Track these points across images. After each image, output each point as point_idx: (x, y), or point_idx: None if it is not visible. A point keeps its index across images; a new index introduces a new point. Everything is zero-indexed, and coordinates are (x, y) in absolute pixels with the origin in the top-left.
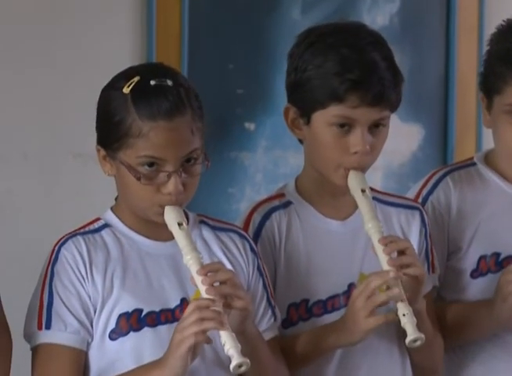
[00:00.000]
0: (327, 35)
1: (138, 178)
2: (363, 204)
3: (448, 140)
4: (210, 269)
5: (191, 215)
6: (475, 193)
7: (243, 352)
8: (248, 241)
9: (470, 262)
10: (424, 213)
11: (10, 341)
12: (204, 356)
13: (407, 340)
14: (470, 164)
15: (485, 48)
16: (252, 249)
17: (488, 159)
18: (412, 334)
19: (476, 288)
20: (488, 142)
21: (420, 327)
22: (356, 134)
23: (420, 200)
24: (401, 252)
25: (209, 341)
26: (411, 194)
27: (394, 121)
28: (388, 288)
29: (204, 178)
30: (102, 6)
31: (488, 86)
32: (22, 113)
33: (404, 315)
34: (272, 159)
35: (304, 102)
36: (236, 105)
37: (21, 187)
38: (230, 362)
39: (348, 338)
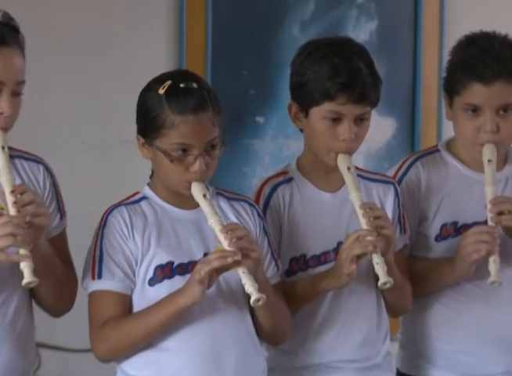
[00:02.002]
0: (321, 47)
1: (172, 161)
2: (348, 179)
3: (415, 130)
4: (230, 228)
5: (211, 189)
6: (439, 174)
7: (260, 290)
8: (256, 208)
9: (434, 228)
10: (398, 187)
11: (76, 278)
12: (223, 291)
13: (379, 283)
14: (435, 150)
15: (447, 57)
16: (259, 214)
17: (449, 146)
18: (382, 278)
19: (439, 249)
20: (447, 132)
21: (389, 273)
22: (344, 125)
23: (396, 179)
24: (377, 217)
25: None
26: (389, 175)
27: (373, 115)
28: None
29: (223, 160)
30: (145, 26)
31: (450, 88)
32: (81, 108)
33: (377, 263)
34: (277, 145)
35: (303, 100)
36: (248, 102)
37: (81, 167)
38: (250, 297)
39: (337, 282)
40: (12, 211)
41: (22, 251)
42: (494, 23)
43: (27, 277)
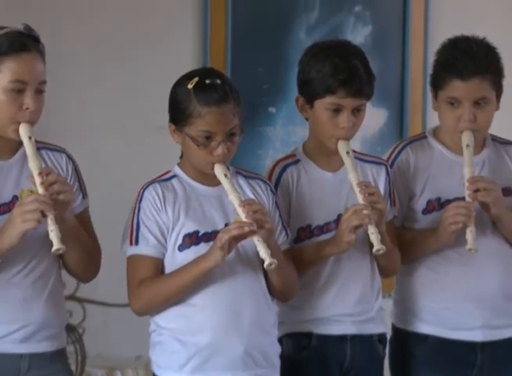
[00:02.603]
0: (324, 49)
1: (198, 145)
2: (347, 161)
3: (403, 119)
4: (247, 203)
5: (231, 168)
6: (425, 157)
7: (272, 255)
8: (269, 186)
9: (421, 204)
10: (388, 167)
11: (100, 249)
12: (241, 254)
13: (373, 249)
14: (422, 137)
15: (431, 57)
16: (271, 191)
17: (435, 133)
18: (376, 245)
19: (425, 221)
20: (430, 121)
21: (382, 241)
22: (343, 115)
23: (389, 162)
24: (371, 194)
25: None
26: (383, 158)
27: (368, 106)
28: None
29: (241, 144)
30: (175, 28)
31: (435, 84)
32: (122, 99)
33: (372, 233)
34: (286, 132)
35: (309, 94)
36: (262, 95)
37: (121, 149)
38: (263, 262)
39: (338, 249)
40: (40, 190)
41: (49, 221)
42: (471, 28)
43: (55, 245)
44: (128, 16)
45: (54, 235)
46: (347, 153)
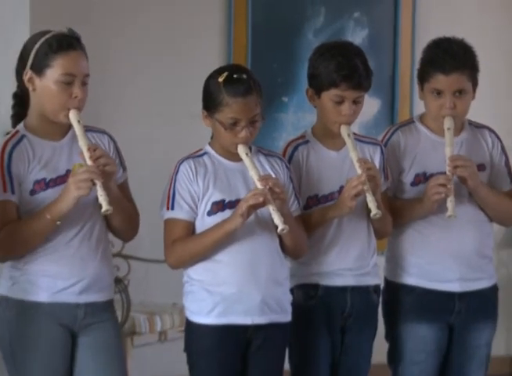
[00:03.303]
0: (329, 49)
1: (225, 129)
2: (348, 142)
3: (394, 107)
4: (264, 177)
5: (253, 148)
6: (413, 138)
7: (284, 222)
8: (284, 162)
9: (410, 177)
10: (382, 147)
11: (138, 213)
12: (259, 219)
13: (371, 214)
14: (410, 122)
15: (418, 56)
16: (286, 166)
17: (421, 118)
18: (374, 210)
19: (413, 192)
20: (416, 108)
21: (378, 207)
22: (345, 105)
23: (383, 143)
24: (369, 168)
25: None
26: (378, 139)
27: (365, 97)
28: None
29: (260, 128)
30: (204, 29)
31: (421, 77)
32: (161, 89)
33: (369, 201)
34: (297, 117)
35: (316, 86)
36: (277, 87)
37: (159, 133)
38: (277, 227)
39: (340, 212)
40: (89, 163)
41: (98, 188)
42: (452, 31)
43: (104, 206)
44: (167, 19)
45: (103, 199)
46: (349, 135)
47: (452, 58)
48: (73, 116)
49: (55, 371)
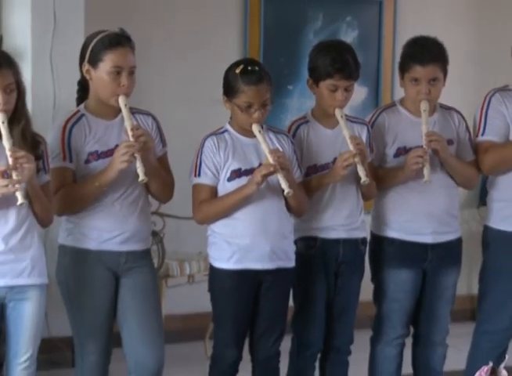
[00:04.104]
0: (326, 46)
1: (241, 111)
2: (342, 122)
3: (378, 94)
4: (273, 151)
5: (264, 126)
6: (395, 119)
7: (289, 187)
8: (289, 138)
9: (392, 151)
10: (369, 126)
11: (173, 181)
12: (269, 185)
13: (361, 181)
14: (393, 105)
15: (399, 51)
16: (291, 142)
17: (401, 102)
18: (363, 178)
19: (395, 162)
20: (397, 95)
21: (366, 175)
22: (339, 92)
23: (370, 123)
24: (358, 144)
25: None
26: (366, 120)
27: (355, 85)
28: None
29: (270, 111)
30: (225, 27)
31: (402, 68)
32: (188, 78)
33: (360, 170)
34: (299, 102)
35: (315, 77)
36: (283, 77)
37: (188, 115)
38: (283, 190)
39: (334, 179)
40: (131, 139)
41: (137, 161)
42: (426, 31)
43: (141, 176)
44: (194, 21)
45: (140, 170)
46: (342, 116)
47: (428, 52)
48: (121, 101)
49: (103, 305)
